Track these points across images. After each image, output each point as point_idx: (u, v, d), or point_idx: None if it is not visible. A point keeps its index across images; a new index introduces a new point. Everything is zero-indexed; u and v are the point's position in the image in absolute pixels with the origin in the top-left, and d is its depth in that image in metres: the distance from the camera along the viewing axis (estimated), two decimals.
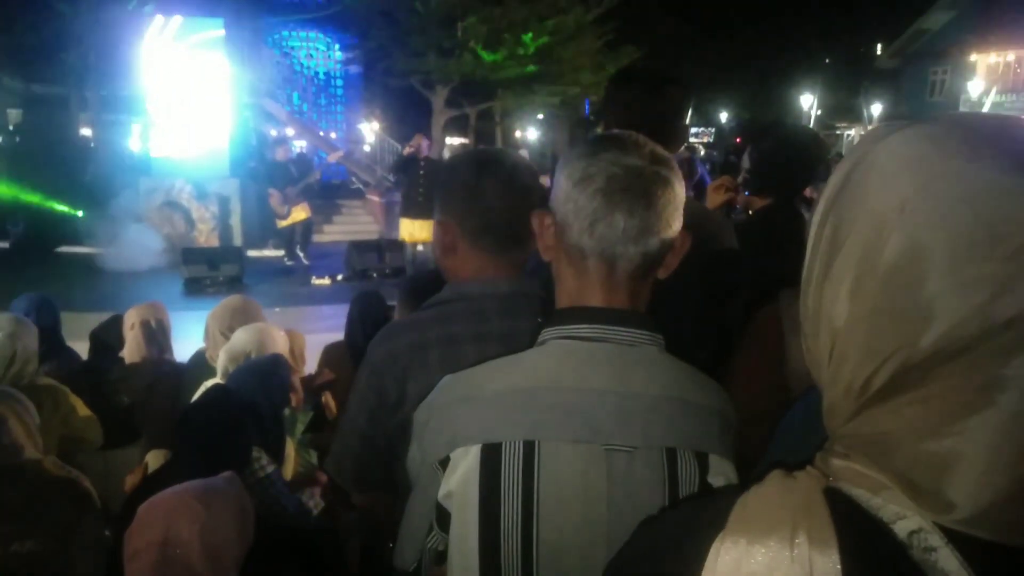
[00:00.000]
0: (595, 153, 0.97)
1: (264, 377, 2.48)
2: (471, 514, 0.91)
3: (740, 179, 2.33)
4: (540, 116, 24.30)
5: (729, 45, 26.20)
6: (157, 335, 3.21)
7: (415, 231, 9.27)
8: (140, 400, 3.03)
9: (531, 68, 17.06)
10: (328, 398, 3.26)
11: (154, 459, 2.67)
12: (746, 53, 31.72)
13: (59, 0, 14.32)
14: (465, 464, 0.92)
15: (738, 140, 17.73)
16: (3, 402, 2.10)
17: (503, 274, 1.32)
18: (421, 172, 9.02)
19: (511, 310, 1.28)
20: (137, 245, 9.74)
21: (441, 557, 0.99)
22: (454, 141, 22.91)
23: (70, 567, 2.09)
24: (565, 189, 0.97)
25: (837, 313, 0.53)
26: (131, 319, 3.21)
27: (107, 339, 3.27)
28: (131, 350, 3.17)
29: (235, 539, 1.46)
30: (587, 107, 19.43)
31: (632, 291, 0.99)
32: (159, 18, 11.15)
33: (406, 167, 9.38)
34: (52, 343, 3.23)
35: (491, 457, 0.91)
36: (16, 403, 2.13)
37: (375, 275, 9.73)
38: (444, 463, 0.94)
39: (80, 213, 10.66)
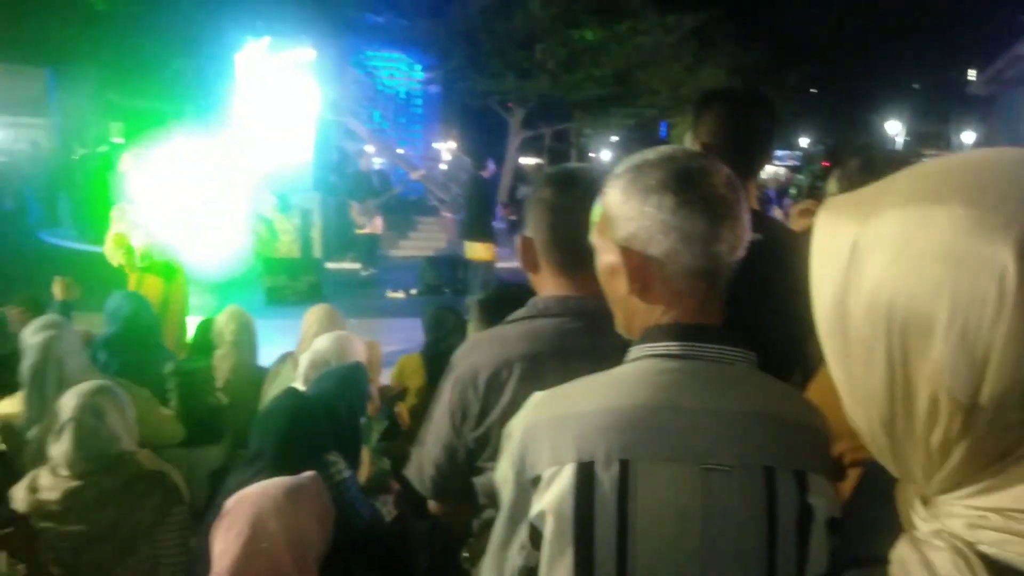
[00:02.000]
0: (685, 170, 0.97)
1: (344, 384, 2.55)
2: (564, 535, 0.89)
3: None
4: (615, 138, 24.26)
5: (812, 69, 25.61)
6: (244, 340, 3.35)
7: (471, 251, 9.37)
8: (225, 401, 3.17)
9: (608, 89, 17.09)
10: (401, 408, 3.33)
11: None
12: (829, 77, 30.95)
13: (159, 19, 15.19)
14: (559, 483, 0.91)
15: (825, 164, 17.28)
16: (104, 394, 2.22)
17: (584, 291, 1.33)
18: (481, 193, 9.22)
19: (595, 327, 1.27)
20: (223, 254, 10.15)
21: (530, 574, 0.98)
22: (529, 161, 23.08)
23: (157, 557, 2.20)
24: (648, 208, 0.96)
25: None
26: (221, 324, 3.37)
27: (199, 342, 3.43)
28: (220, 353, 3.31)
29: (317, 537, 1.51)
30: (664, 129, 19.30)
31: (720, 307, 0.99)
32: (250, 39, 11.70)
33: (473, 189, 9.56)
34: (149, 343, 3.40)
35: (585, 476, 0.89)
36: (115, 396, 2.25)
37: (447, 290, 9.87)
38: (536, 481, 0.93)
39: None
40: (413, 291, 9.99)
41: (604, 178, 1.37)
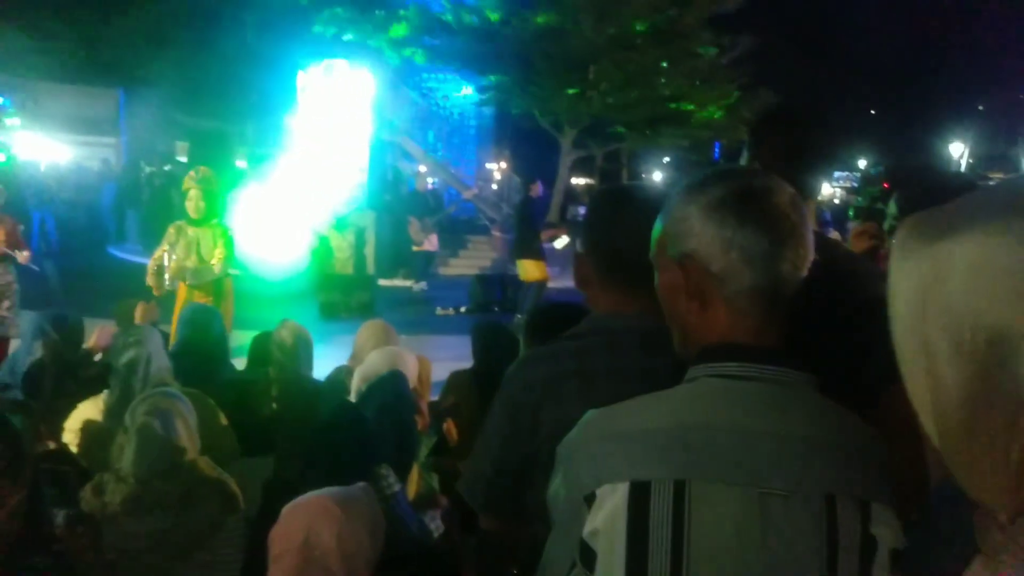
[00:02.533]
0: (748, 188, 0.96)
1: (392, 396, 2.59)
2: (618, 554, 0.88)
3: (887, 226, 2.23)
4: (667, 159, 24.13)
5: (871, 89, 25.12)
6: (301, 353, 3.42)
7: (523, 271, 9.40)
8: (279, 413, 3.23)
9: (661, 110, 17.03)
10: (450, 424, 3.35)
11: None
12: (889, 98, 30.26)
13: (224, 43, 15.80)
14: (612, 502, 0.89)
15: (886, 185, 16.85)
16: (170, 402, 2.30)
17: (638, 308, 1.33)
18: (530, 213, 9.26)
19: (649, 346, 1.26)
20: (280, 270, 10.42)
21: None
22: (580, 181, 23.12)
23: (212, 564, 2.25)
24: (709, 226, 0.95)
25: None
26: (278, 337, 3.45)
27: (255, 354, 3.51)
28: (276, 366, 3.39)
29: (369, 547, 1.53)
30: (717, 150, 19.13)
31: (782, 328, 0.97)
32: (310, 61, 12.09)
33: (523, 210, 9.62)
34: (215, 355, 3.50)
35: (639, 496, 0.88)
36: (182, 403, 2.33)
37: (497, 308, 9.92)
38: (590, 499, 0.92)
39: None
40: (463, 308, 10.08)
41: (658, 196, 1.37)
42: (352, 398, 2.70)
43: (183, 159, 17.46)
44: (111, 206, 14.59)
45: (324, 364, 3.77)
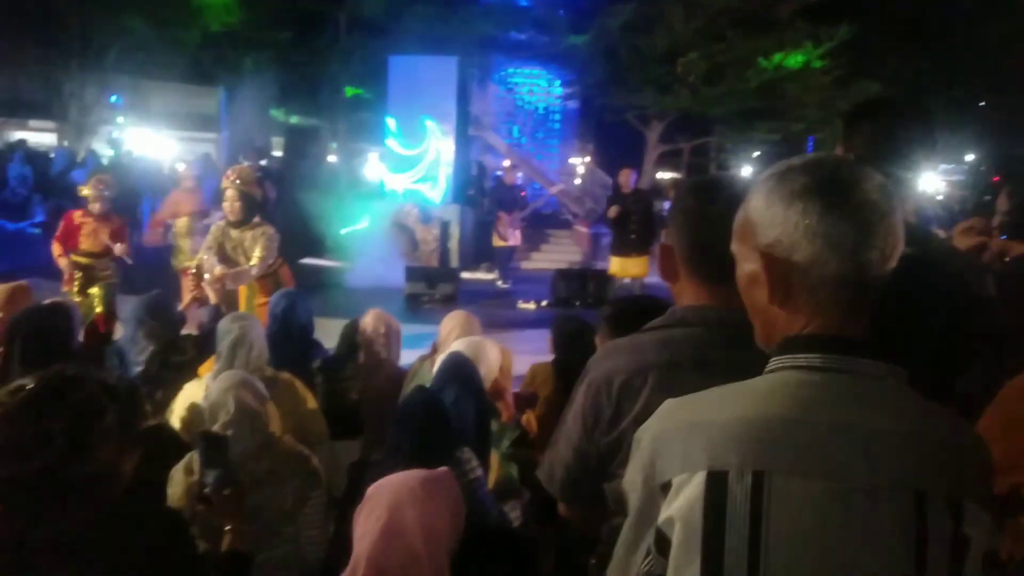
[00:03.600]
0: (834, 174, 0.94)
1: (469, 386, 2.63)
2: (693, 543, 0.88)
3: (996, 222, 2.12)
4: (757, 153, 23.45)
5: (980, 81, 23.59)
6: (390, 342, 3.52)
7: (623, 267, 9.27)
8: (366, 398, 3.34)
9: (752, 103, 16.56)
10: (530, 416, 3.37)
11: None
12: (999, 89, 28.43)
13: (317, 42, 16.33)
14: (688, 491, 0.89)
15: (995, 179, 15.77)
16: (260, 383, 2.42)
17: (725, 302, 1.30)
18: (630, 207, 9.06)
19: (734, 339, 1.22)
20: (366, 262, 10.72)
21: None
22: (665, 176, 22.77)
23: (299, 537, 2.35)
24: (792, 214, 0.93)
25: None
26: (366, 325, 3.56)
27: (344, 341, 3.64)
28: (365, 353, 3.50)
29: (450, 529, 1.57)
30: (811, 145, 18.44)
31: (867, 320, 0.94)
32: (400, 57, 12.38)
33: (611, 204, 9.47)
34: (307, 339, 3.64)
35: (716, 486, 0.87)
36: (272, 386, 2.44)
37: (578, 303, 9.88)
38: (665, 488, 0.92)
39: (324, 230, 11.92)
40: (544, 303, 10.09)
41: (746, 188, 1.34)
42: (433, 385, 2.76)
43: (278, 154, 18.15)
44: (211, 199, 15.31)
45: (408, 354, 3.86)
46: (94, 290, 5.90)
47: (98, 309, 5.71)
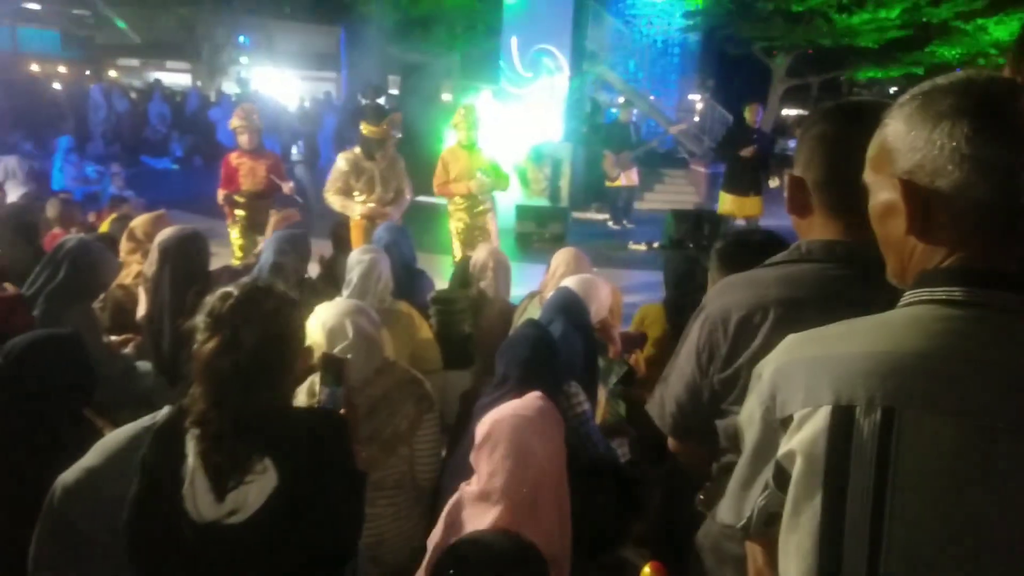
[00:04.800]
0: (985, 93, 0.85)
1: (577, 322, 2.62)
2: (814, 477, 0.84)
3: None
4: (895, 90, 21.70)
5: None
6: (500, 277, 3.57)
7: (740, 207, 8.93)
8: (478, 330, 3.41)
9: (893, 34, 15.23)
10: (638, 356, 3.35)
11: None
12: None
13: None
14: (812, 425, 0.85)
15: None
16: (378, 311, 2.50)
17: (857, 237, 1.23)
18: (754, 143, 8.64)
19: (866, 277, 1.16)
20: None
21: (773, 519, 0.94)
22: (791, 113, 21.52)
23: (412, 459, 2.45)
24: (937, 136, 0.85)
25: None
26: (479, 260, 3.60)
27: (458, 276, 3.71)
28: (476, 286, 3.56)
29: (560, 449, 1.60)
30: None
31: (1018, 252, 0.86)
32: None
33: (733, 138, 9.05)
34: (412, 272, 3.75)
35: (842, 420, 0.83)
36: (389, 313, 2.52)
37: (692, 245, 9.62)
38: (786, 422, 0.89)
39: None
40: (656, 244, 9.89)
41: (886, 112, 1.23)
42: (542, 319, 2.77)
43: (395, 92, 18.43)
44: (332, 136, 15.79)
45: (517, 291, 3.90)
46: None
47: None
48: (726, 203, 9.14)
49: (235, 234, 5.89)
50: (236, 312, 1.50)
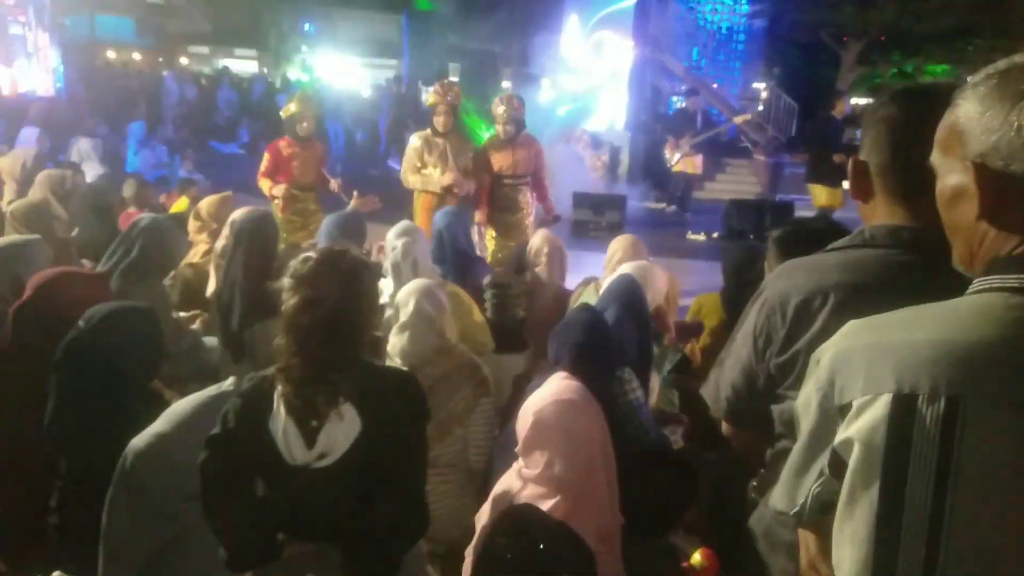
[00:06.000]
0: None
1: (633, 308, 2.61)
2: (872, 467, 0.82)
3: None
4: (971, 78, 20.79)
5: None
6: (556, 263, 3.58)
7: (835, 197, 8.63)
8: (532, 315, 3.42)
9: (970, 19, 14.59)
10: (694, 346, 3.32)
11: None
12: None
13: None
14: (871, 413, 0.83)
15: None
16: (436, 293, 2.54)
17: (921, 222, 1.19)
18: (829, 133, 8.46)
19: (931, 264, 1.12)
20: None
21: (827, 507, 0.92)
22: (861, 102, 20.80)
23: (467, 440, 2.48)
24: (1015, 118, 0.82)
25: None
26: (534, 246, 3.62)
27: (515, 260, 3.73)
28: (532, 273, 3.58)
29: (603, 422, 1.61)
30: None
31: None
32: None
33: (820, 130, 8.80)
34: (467, 257, 3.78)
35: (903, 409, 0.81)
36: (445, 295, 2.55)
37: (752, 236, 9.43)
38: (844, 410, 0.87)
39: None
40: (715, 234, 9.72)
41: (955, 94, 1.19)
42: (598, 304, 2.77)
43: (455, 79, 18.53)
44: (392, 123, 15.98)
45: (572, 279, 3.90)
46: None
47: None
48: (821, 195, 8.77)
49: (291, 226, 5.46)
50: (316, 272, 1.63)
